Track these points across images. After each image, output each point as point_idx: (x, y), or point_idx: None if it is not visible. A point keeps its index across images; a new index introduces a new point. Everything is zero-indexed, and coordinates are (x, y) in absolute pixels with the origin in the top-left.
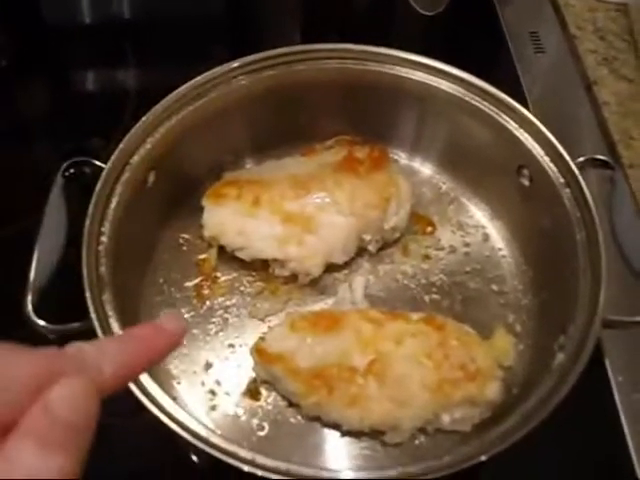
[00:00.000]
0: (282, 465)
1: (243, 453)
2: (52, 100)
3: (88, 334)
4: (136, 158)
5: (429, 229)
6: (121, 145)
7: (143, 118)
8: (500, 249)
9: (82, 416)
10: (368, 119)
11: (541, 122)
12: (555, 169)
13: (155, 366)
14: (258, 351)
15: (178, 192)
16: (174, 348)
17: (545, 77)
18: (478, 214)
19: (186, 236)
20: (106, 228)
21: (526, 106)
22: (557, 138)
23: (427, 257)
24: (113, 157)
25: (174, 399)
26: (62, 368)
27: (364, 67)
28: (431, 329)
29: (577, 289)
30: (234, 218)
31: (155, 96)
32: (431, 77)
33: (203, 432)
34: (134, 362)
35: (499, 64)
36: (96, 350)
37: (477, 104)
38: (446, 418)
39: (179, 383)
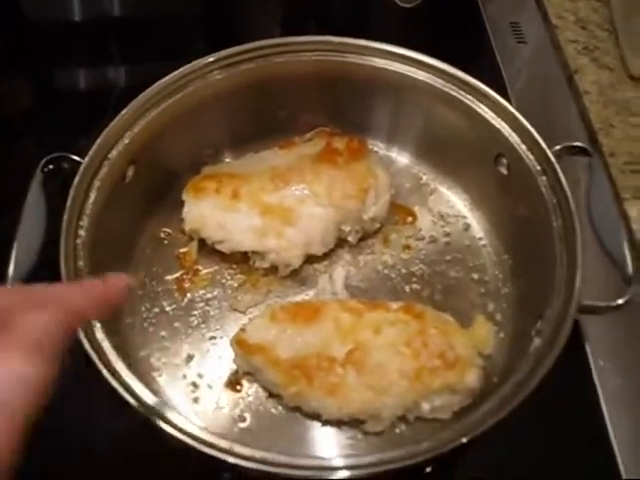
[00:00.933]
0: (258, 454)
1: (224, 444)
2: (35, 97)
3: None
4: (114, 153)
5: (409, 219)
6: (99, 140)
7: (121, 112)
8: (480, 238)
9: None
10: (346, 110)
11: (522, 112)
12: (532, 157)
13: (109, 318)
14: (238, 342)
15: (158, 186)
16: (121, 299)
17: (526, 67)
18: (459, 204)
19: (167, 230)
20: (84, 222)
21: (507, 96)
22: (539, 128)
23: (408, 247)
24: (91, 152)
25: (155, 392)
26: (33, 300)
27: (341, 59)
28: (410, 318)
29: (554, 275)
30: (214, 211)
31: (138, 93)
32: (408, 67)
33: (184, 424)
34: (89, 302)
35: (480, 55)
36: (59, 288)
37: (454, 93)
38: (426, 406)
39: (160, 376)
